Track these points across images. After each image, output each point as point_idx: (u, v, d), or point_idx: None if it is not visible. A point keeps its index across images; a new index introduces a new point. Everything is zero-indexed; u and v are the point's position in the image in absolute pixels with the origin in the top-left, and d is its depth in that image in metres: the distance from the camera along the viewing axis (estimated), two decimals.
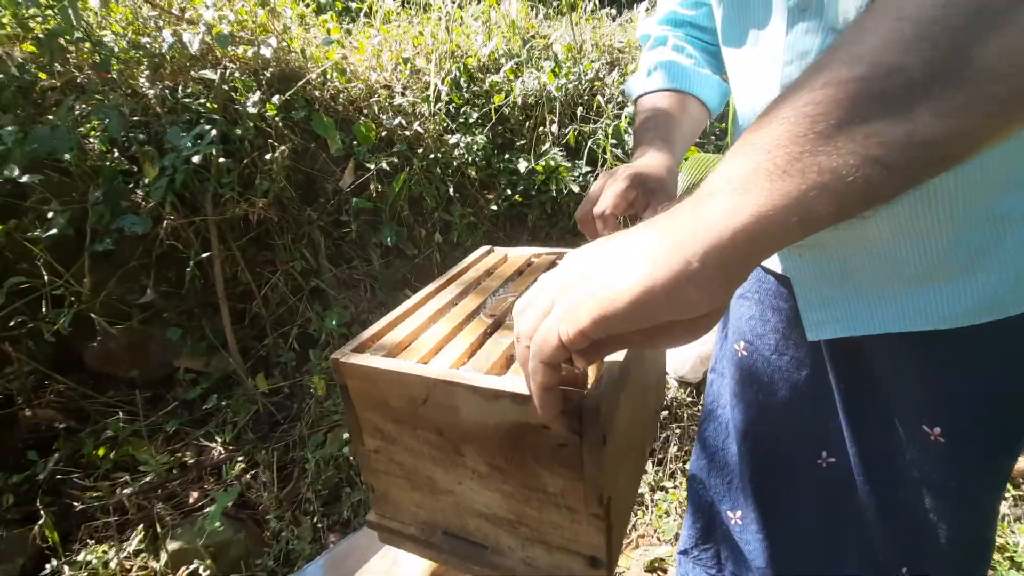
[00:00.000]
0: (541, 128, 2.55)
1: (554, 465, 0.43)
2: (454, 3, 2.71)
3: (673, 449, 1.75)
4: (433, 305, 0.59)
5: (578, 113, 2.56)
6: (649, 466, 1.71)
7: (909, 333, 0.65)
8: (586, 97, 2.60)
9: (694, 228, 0.29)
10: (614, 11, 3.43)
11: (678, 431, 1.80)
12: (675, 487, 1.64)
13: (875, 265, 0.63)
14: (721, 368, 0.98)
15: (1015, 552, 1.27)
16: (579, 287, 0.33)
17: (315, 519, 1.35)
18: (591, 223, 0.63)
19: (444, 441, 0.48)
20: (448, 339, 0.52)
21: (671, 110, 0.75)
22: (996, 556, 1.28)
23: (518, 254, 0.73)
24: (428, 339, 0.53)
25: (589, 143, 2.41)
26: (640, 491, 1.66)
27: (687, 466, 1.66)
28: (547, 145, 2.50)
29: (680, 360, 1.89)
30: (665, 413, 1.88)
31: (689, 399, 1.87)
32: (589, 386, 0.43)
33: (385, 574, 0.95)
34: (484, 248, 0.76)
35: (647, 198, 0.63)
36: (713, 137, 2.67)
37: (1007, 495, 1.45)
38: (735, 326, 0.90)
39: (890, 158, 0.26)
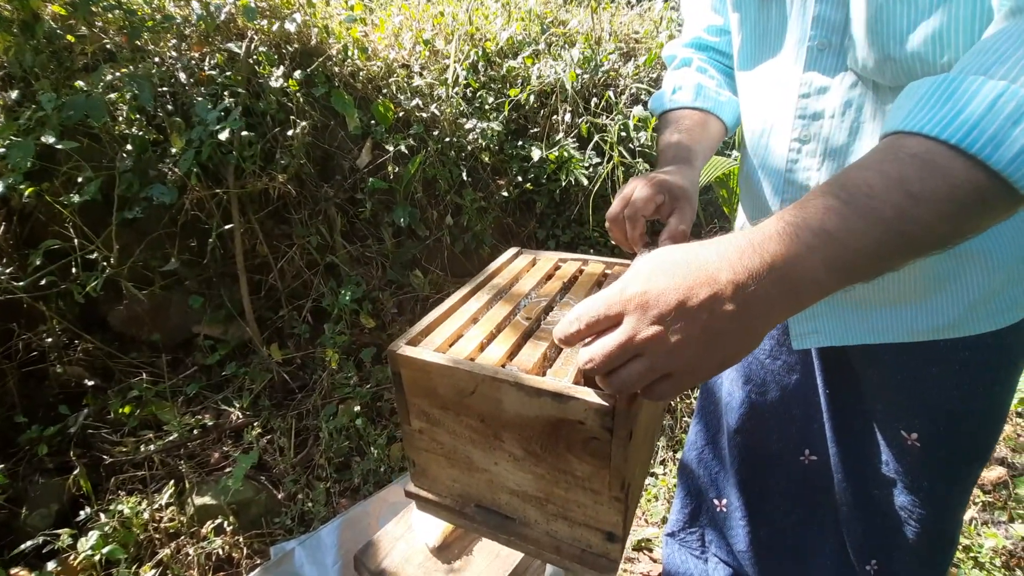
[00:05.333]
0: (555, 117, 2.59)
1: (584, 455, 0.50)
2: None
3: (664, 439, 1.84)
4: (472, 306, 0.66)
5: (592, 104, 2.59)
6: None
7: (892, 346, 0.73)
8: (600, 88, 2.62)
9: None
10: None
11: (670, 422, 1.89)
12: (664, 474, 1.73)
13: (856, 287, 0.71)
14: None
15: (979, 553, 1.38)
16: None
17: (328, 484, 1.44)
18: (621, 223, 0.69)
19: (486, 427, 0.55)
20: (490, 339, 0.59)
21: (693, 127, 0.81)
22: (961, 555, 1.38)
23: (546, 258, 0.80)
24: (472, 338, 0.59)
25: (598, 137, 2.45)
26: None
27: (677, 455, 1.75)
28: (560, 135, 2.54)
29: None
30: None
31: (684, 392, 1.95)
32: None
33: (401, 539, 1.04)
34: (513, 250, 0.82)
35: (672, 204, 0.69)
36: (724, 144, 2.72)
37: (976, 500, 1.55)
38: None
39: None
